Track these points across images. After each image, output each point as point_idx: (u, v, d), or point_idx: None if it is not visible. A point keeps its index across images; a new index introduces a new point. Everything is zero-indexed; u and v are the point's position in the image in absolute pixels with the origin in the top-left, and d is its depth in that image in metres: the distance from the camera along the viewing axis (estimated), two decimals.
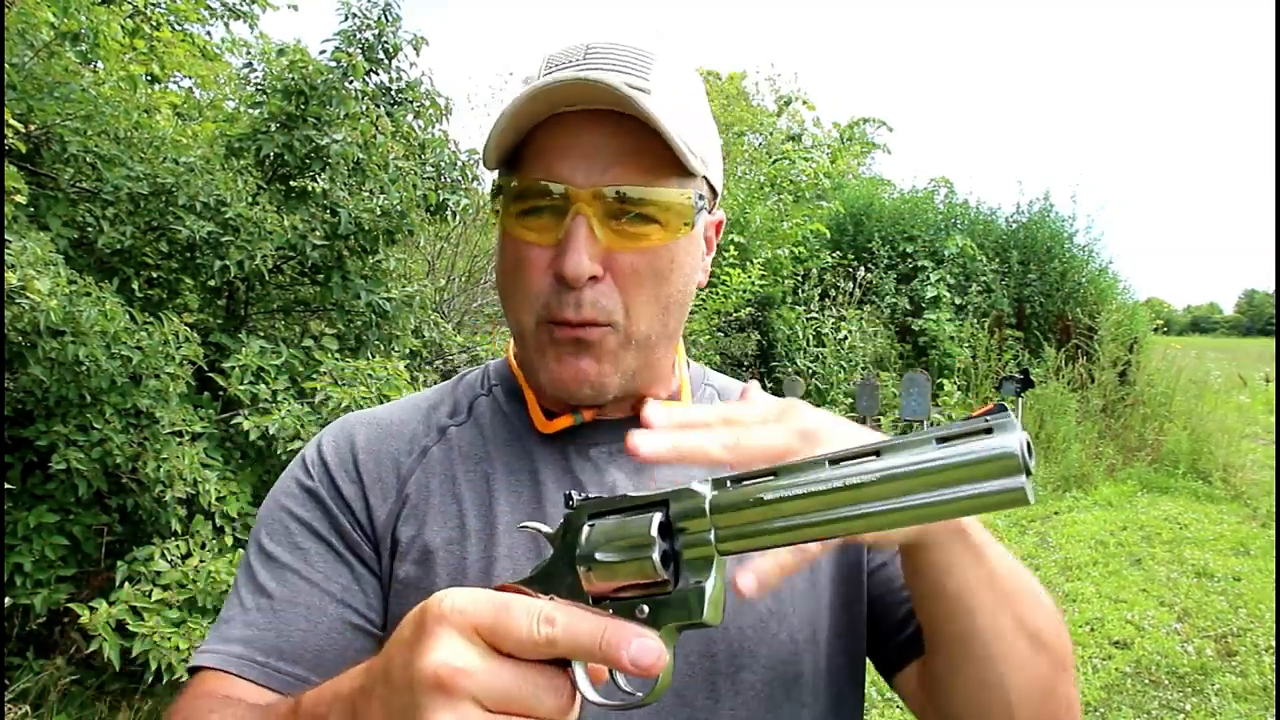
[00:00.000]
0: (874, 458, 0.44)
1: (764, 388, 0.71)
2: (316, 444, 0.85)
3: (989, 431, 0.41)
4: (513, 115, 0.71)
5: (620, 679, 0.50)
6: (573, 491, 0.54)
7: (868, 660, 0.87)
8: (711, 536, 0.46)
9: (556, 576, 0.51)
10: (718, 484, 0.47)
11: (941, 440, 0.42)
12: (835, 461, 0.44)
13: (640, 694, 0.49)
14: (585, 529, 0.51)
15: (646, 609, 0.47)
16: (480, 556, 0.77)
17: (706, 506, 0.47)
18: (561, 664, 0.46)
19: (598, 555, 0.49)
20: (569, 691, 0.46)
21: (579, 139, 0.72)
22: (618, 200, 0.72)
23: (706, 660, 0.75)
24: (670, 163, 0.73)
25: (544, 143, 0.73)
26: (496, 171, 0.79)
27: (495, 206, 0.78)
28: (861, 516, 0.44)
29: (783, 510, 0.45)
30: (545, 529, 0.55)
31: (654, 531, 0.47)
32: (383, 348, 4.04)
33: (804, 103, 15.13)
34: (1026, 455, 0.41)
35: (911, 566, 0.68)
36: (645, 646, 0.44)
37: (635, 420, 0.84)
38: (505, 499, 0.80)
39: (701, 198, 0.77)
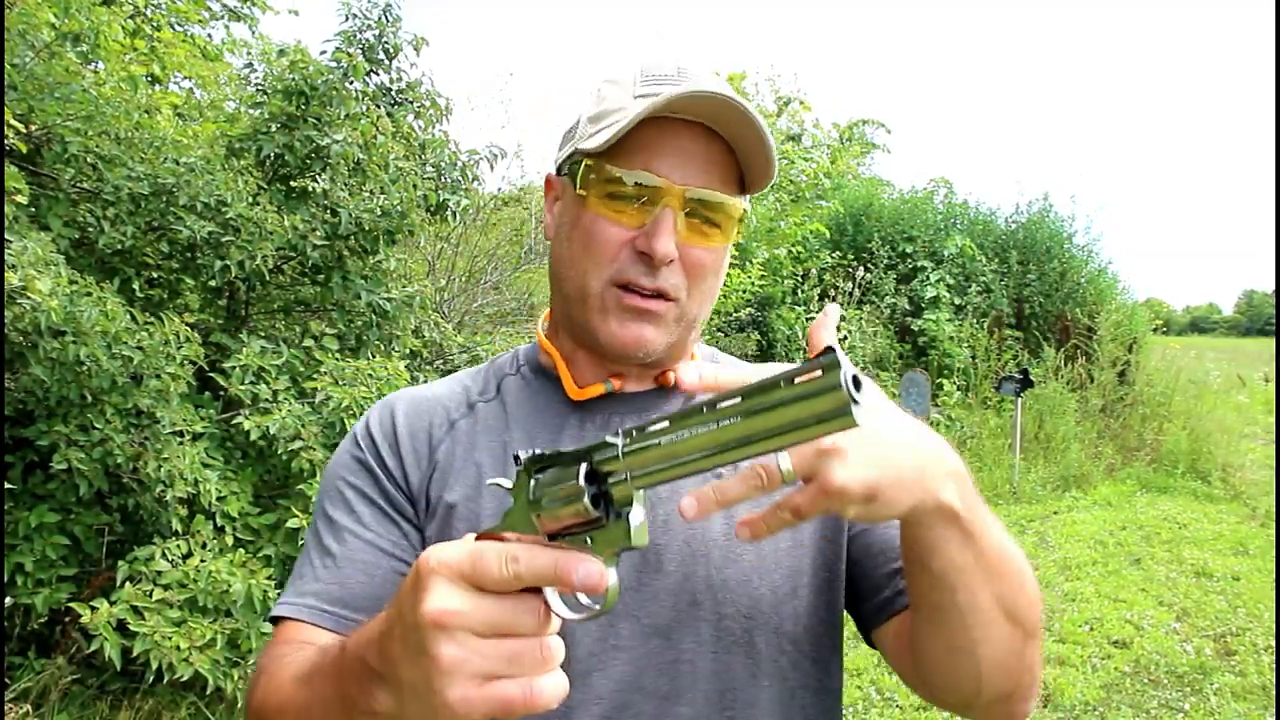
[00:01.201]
0: (739, 399, 0.52)
1: None
2: (365, 420, 0.97)
3: (824, 370, 0.50)
4: (635, 116, 0.80)
5: (582, 597, 0.60)
6: (519, 450, 0.64)
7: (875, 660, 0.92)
8: (627, 477, 0.56)
9: (520, 521, 0.62)
10: (626, 434, 0.57)
11: (789, 380, 0.51)
12: (712, 405, 0.53)
13: (598, 606, 0.60)
14: (532, 482, 0.61)
15: (590, 540, 0.58)
16: (494, 511, 0.86)
17: (620, 454, 0.56)
18: (536, 591, 0.57)
19: (544, 502, 0.60)
20: (544, 611, 0.57)
21: (677, 142, 0.84)
22: (699, 203, 0.85)
23: (692, 607, 0.85)
24: (737, 177, 0.88)
25: (644, 140, 0.83)
26: (572, 147, 0.89)
27: (577, 184, 0.86)
28: (737, 447, 0.53)
29: (676, 450, 0.54)
30: (505, 483, 0.65)
31: (582, 480, 0.57)
32: (383, 348, 4.05)
33: (801, 103, 15.11)
34: (851, 386, 0.49)
35: (905, 537, 0.74)
36: (589, 570, 0.54)
37: (657, 392, 0.95)
38: None
39: (745, 208, 0.90)
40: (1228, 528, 6.72)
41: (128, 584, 2.92)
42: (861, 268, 10.80)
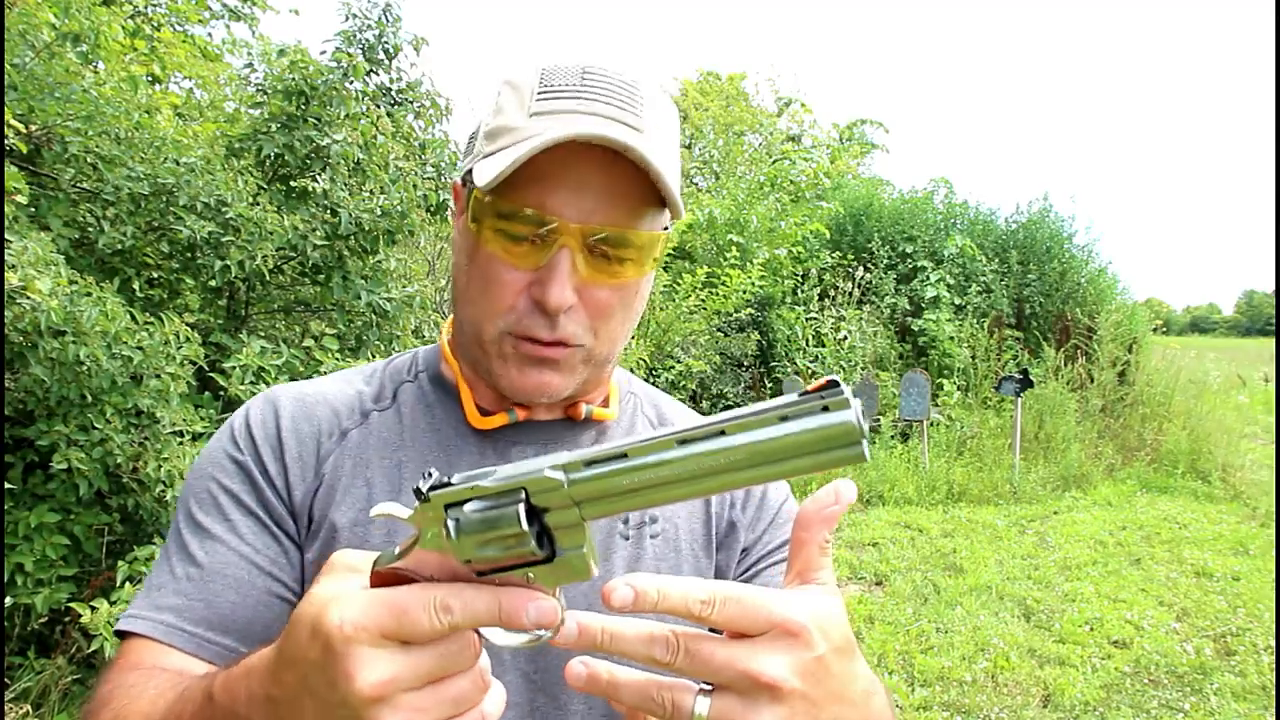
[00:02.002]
0: (720, 436, 0.47)
1: (764, 388, 0.68)
2: (244, 415, 0.86)
3: (825, 409, 0.45)
4: (523, 154, 0.71)
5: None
6: (420, 481, 0.54)
7: None
8: (577, 513, 0.50)
9: (428, 556, 0.53)
10: (571, 468, 0.50)
11: (784, 418, 0.46)
12: (684, 441, 0.48)
13: (545, 632, 0.53)
14: (450, 522, 0.52)
15: (532, 575, 0.52)
16: (383, 540, 0.79)
17: (566, 495, 0.50)
18: None
19: (473, 544, 0.51)
20: (477, 640, 0.52)
21: (571, 173, 0.74)
22: (601, 240, 0.76)
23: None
24: (651, 198, 0.77)
25: (535, 171, 0.73)
26: (465, 180, 0.81)
27: (470, 215, 0.79)
28: (712, 488, 0.48)
29: (634, 487, 0.49)
30: (401, 516, 0.56)
31: (524, 524, 0.50)
32: (383, 348, 4.05)
33: (801, 105, 15.13)
34: (863, 425, 0.45)
35: None
36: (542, 609, 0.49)
37: (563, 423, 0.89)
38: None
39: (666, 227, 0.82)
40: (1228, 528, 6.72)
41: (128, 584, 2.92)
42: (861, 268, 10.80)
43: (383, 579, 0.54)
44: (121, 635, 0.77)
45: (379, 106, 4.45)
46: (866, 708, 0.55)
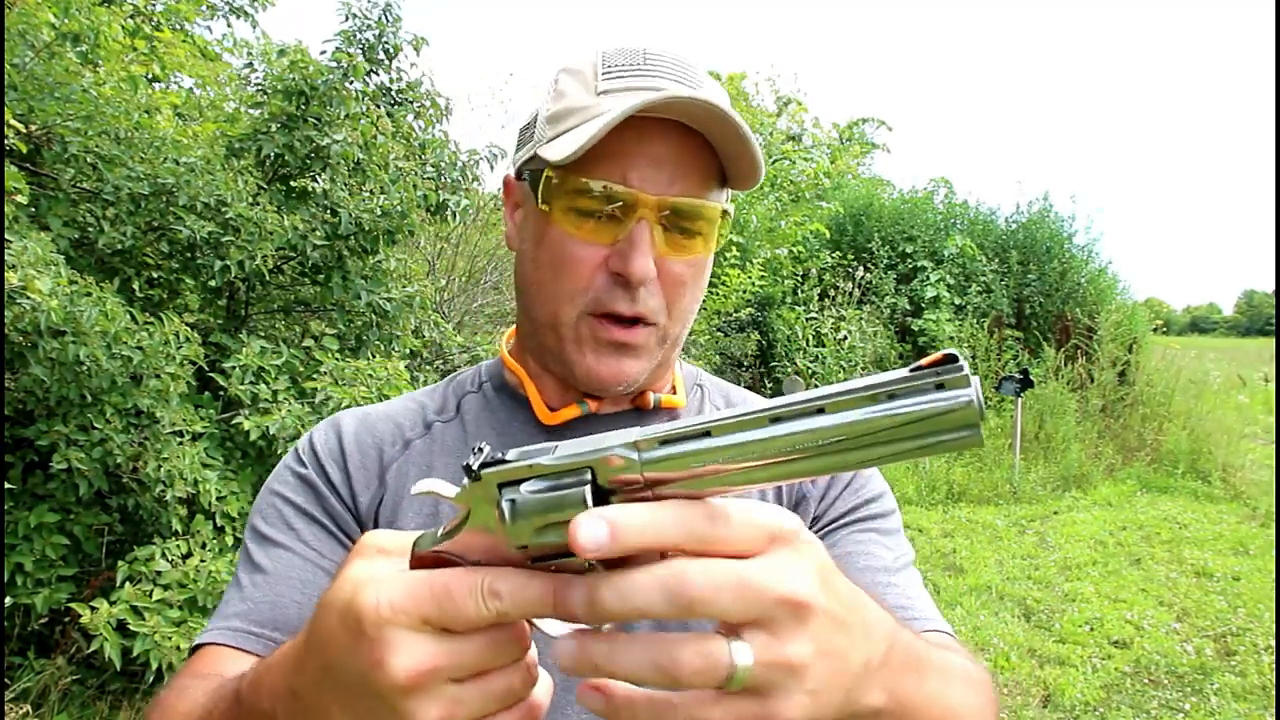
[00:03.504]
0: (817, 415, 0.41)
1: (764, 388, 0.66)
2: (309, 436, 0.88)
3: (941, 386, 0.40)
4: (606, 123, 0.71)
5: None
6: (470, 459, 0.49)
7: None
8: (644, 487, 0.44)
9: (475, 539, 0.49)
10: (645, 445, 0.44)
11: (892, 396, 0.40)
12: (777, 419, 0.42)
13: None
14: (505, 504, 0.46)
15: (590, 564, 0.45)
16: None
17: (640, 475, 0.44)
18: None
19: (532, 528, 0.46)
20: (527, 630, 0.48)
21: (648, 147, 0.75)
22: (676, 213, 0.76)
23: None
24: (716, 175, 0.78)
25: (612, 145, 0.73)
26: (536, 158, 0.79)
27: (539, 197, 0.78)
28: (802, 471, 0.43)
29: (719, 473, 0.43)
30: (446, 494, 0.51)
31: (590, 508, 0.44)
32: (383, 348, 4.05)
33: (799, 104, 15.15)
34: (982, 406, 0.39)
35: None
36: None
37: (632, 413, 0.87)
38: None
39: (726, 211, 0.82)
40: (1228, 528, 6.72)
41: (127, 584, 2.92)
42: (861, 268, 10.80)
43: (423, 562, 0.50)
44: (195, 649, 0.76)
45: (379, 106, 4.45)
46: (882, 612, 0.50)
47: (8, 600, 2.90)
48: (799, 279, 10.17)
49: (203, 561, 3.00)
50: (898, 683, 0.51)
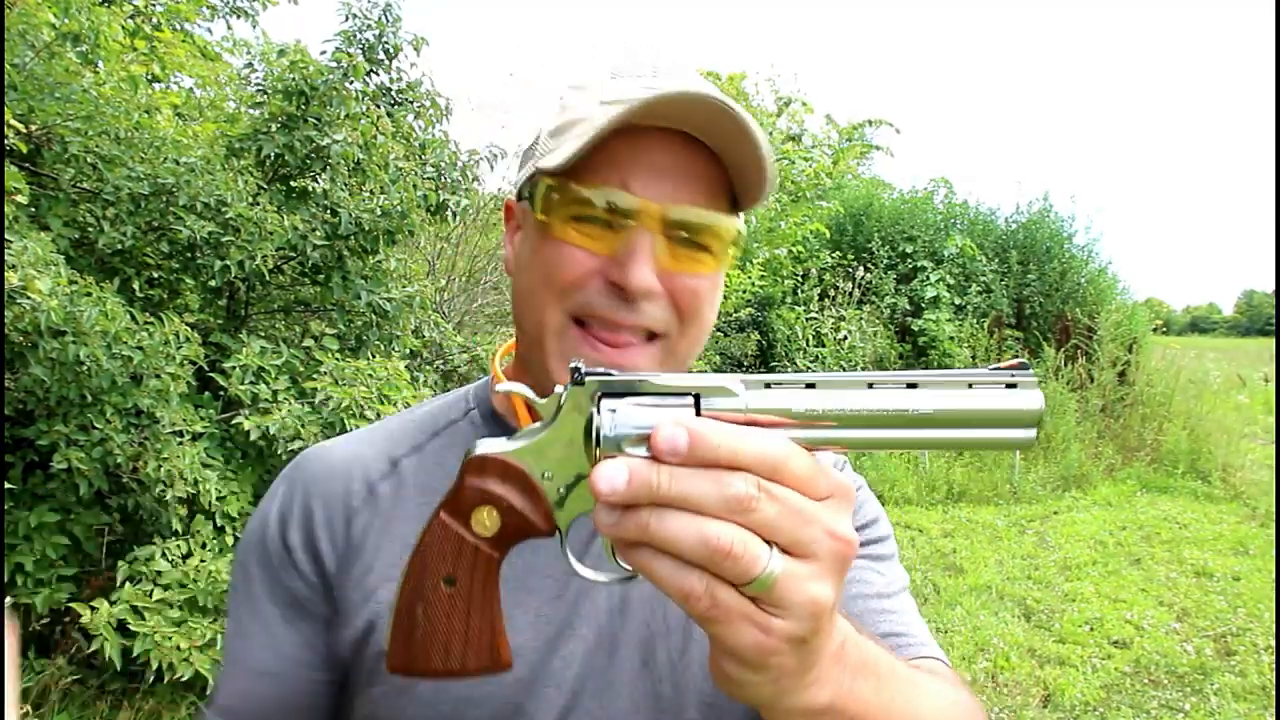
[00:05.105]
0: (910, 390, 0.47)
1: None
2: (276, 492, 0.85)
3: (1013, 386, 0.46)
4: (602, 127, 0.68)
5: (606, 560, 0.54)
6: (579, 362, 0.50)
7: None
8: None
9: (550, 448, 0.50)
10: (750, 385, 0.48)
11: (971, 386, 0.47)
12: (873, 385, 0.47)
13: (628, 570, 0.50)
14: (606, 413, 0.47)
15: None
16: None
17: (744, 407, 0.47)
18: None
19: (625, 446, 0.46)
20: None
21: (652, 155, 0.71)
22: (683, 224, 0.72)
23: (654, 700, 0.76)
24: (725, 191, 0.74)
25: (615, 154, 0.70)
26: (535, 167, 0.76)
27: (538, 207, 0.74)
28: (883, 441, 0.47)
29: (810, 421, 0.47)
30: (533, 395, 0.52)
31: None
32: (383, 348, 4.05)
33: (803, 104, 15.13)
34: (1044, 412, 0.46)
35: None
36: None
37: None
38: None
39: (740, 229, 0.78)
40: (1228, 528, 6.72)
41: (128, 584, 2.92)
42: (861, 268, 10.80)
43: (486, 467, 0.50)
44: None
45: (379, 106, 4.45)
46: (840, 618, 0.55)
47: (8, 600, 2.90)
48: (799, 279, 10.17)
49: (203, 561, 3.00)
50: (850, 683, 0.54)
